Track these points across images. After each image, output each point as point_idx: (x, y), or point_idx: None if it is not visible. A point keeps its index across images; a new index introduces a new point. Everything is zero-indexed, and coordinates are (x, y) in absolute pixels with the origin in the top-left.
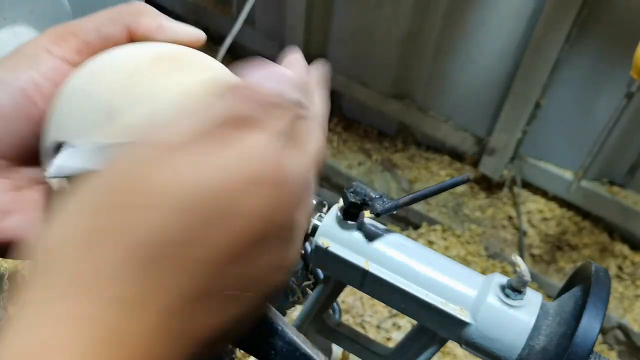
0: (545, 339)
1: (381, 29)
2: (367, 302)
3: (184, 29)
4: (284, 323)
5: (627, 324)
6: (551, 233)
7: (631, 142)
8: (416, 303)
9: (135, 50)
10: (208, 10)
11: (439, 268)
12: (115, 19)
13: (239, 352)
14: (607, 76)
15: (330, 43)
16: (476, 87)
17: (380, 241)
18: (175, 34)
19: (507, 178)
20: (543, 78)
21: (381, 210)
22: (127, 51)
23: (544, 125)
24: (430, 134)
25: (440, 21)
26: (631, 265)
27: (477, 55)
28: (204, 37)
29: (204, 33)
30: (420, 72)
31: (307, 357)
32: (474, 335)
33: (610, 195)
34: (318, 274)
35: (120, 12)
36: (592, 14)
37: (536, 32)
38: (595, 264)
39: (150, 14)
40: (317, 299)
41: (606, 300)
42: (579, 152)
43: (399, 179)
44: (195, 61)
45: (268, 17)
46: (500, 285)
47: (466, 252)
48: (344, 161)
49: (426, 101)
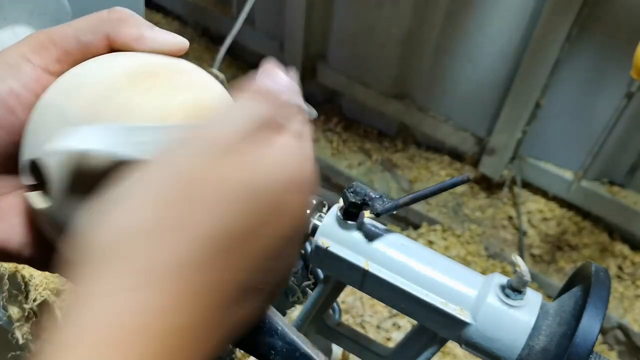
0: (545, 339)
1: (381, 29)
2: (367, 302)
3: (165, 39)
4: (284, 323)
5: (627, 324)
6: (551, 233)
7: (631, 142)
8: (416, 303)
9: (114, 63)
10: (208, 10)
11: (439, 268)
12: (95, 27)
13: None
14: (607, 76)
15: (330, 43)
16: (476, 87)
17: (380, 241)
18: (156, 44)
19: (507, 178)
20: (543, 78)
21: (381, 210)
22: (105, 64)
23: (544, 125)
24: (430, 134)
25: (440, 21)
26: (631, 265)
27: (477, 55)
28: (187, 46)
29: (187, 41)
30: (420, 72)
31: (307, 357)
32: (474, 335)
33: (610, 195)
34: (318, 274)
35: (100, 20)
36: (592, 14)
37: (536, 32)
38: (595, 264)
39: (131, 23)
40: (317, 299)
41: (606, 300)
42: (579, 152)
43: (399, 179)
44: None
45: (268, 17)
46: (500, 285)
47: (466, 252)
48: (344, 161)
49: (426, 101)
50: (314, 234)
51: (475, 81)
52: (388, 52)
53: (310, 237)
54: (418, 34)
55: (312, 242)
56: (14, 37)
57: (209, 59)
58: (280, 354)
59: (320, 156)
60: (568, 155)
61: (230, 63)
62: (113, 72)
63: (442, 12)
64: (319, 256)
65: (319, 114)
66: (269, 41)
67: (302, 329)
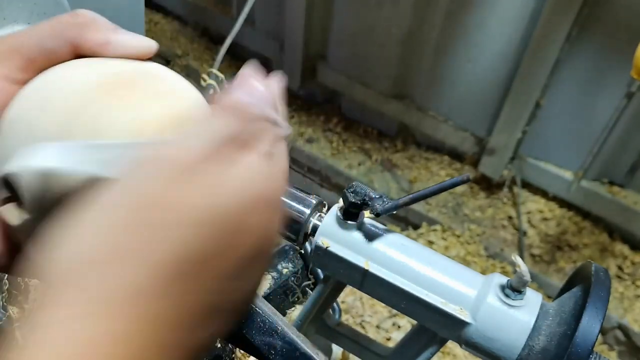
0: (545, 339)
1: (381, 29)
2: (367, 302)
3: (133, 43)
4: (284, 323)
5: (627, 324)
6: (551, 233)
7: (631, 142)
8: (416, 303)
9: (83, 72)
10: (208, 10)
11: (439, 268)
12: (59, 33)
13: (239, 352)
14: (607, 76)
15: (330, 43)
16: (476, 87)
17: (380, 241)
18: (123, 49)
19: (507, 178)
20: (543, 78)
21: (381, 210)
22: (73, 72)
23: (544, 125)
24: (430, 134)
25: (440, 21)
26: (631, 265)
27: (477, 55)
28: (155, 48)
29: (155, 43)
30: (420, 72)
31: (307, 357)
32: (474, 335)
33: (610, 195)
34: (318, 274)
35: (63, 25)
36: (592, 14)
37: (536, 32)
38: (595, 264)
39: (95, 28)
40: (317, 299)
41: (606, 301)
42: (579, 152)
43: (398, 179)
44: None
45: (268, 17)
46: (500, 285)
47: (466, 252)
48: (344, 161)
49: (426, 101)
50: (314, 234)
51: (475, 81)
52: (388, 52)
53: (310, 237)
54: (418, 34)
55: (312, 242)
56: None
57: (209, 59)
58: (280, 353)
59: (320, 156)
60: (568, 155)
61: (230, 63)
62: (82, 82)
63: (442, 12)
64: (319, 256)
65: (319, 114)
66: (269, 41)
67: (302, 329)
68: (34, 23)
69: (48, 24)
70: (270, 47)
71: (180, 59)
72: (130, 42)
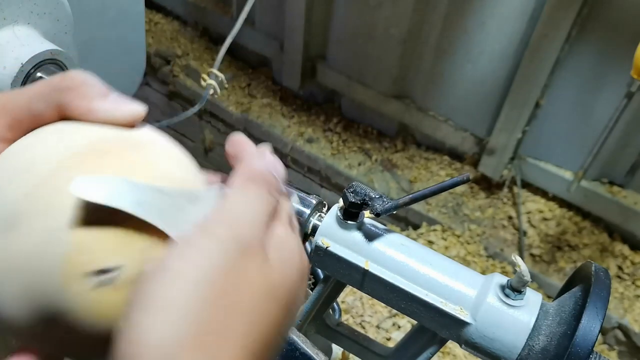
0: (545, 339)
1: (381, 29)
2: (367, 302)
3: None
4: None
5: (627, 324)
6: (551, 233)
7: (631, 142)
8: (416, 303)
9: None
10: (208, 10)
11: (439, 268)
12: (47, 96)
13: None
14: (607, 76)
15: (330, 43)
16: (476, 87)
17: (380, 241)
18: (108, 116)
19: (507, 178)
20: (543, 78)
21: (381, 210)
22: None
23: (544, 125)
24: (430, 134)
25: (440, 21)
26: (631, 265)
27: (477, 55)
28: (142, 115)
29: (144, 108)
30: (420, 72)
31: (307, 357)
32: (473, 335)
33: (610, 195)
34: (318, 274)
35: (51, 88)
36: (592, 14)
37: (536, 32)
38: (595, 264)
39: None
40: (317, 299)
41: (606, 300)
42: (579, 152)
43: (398, 179)
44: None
45: (268, 17)
46: (500, 285)
47: (466, 252)
48: (344, 161)
49: (426, 101)
50: (314, 234)
51: (475, 81)
52: (388, 52)
53: (310, 237)
54: (418, 34)
55: (312, 242)
56: (13, 37)
57: (209, 59)
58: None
59: (320, 156)
60: (568, 155)
61: (230, 63)
62: (59, 150)
63: (442, 12)
64: (319, 256)
65: (319, 114)
66: (269, 41)
67: (302, 329)
68: (33, 23)
69: (38, 85)
70: (270, 47)
71: (180, 59)
72: (115, 111)
